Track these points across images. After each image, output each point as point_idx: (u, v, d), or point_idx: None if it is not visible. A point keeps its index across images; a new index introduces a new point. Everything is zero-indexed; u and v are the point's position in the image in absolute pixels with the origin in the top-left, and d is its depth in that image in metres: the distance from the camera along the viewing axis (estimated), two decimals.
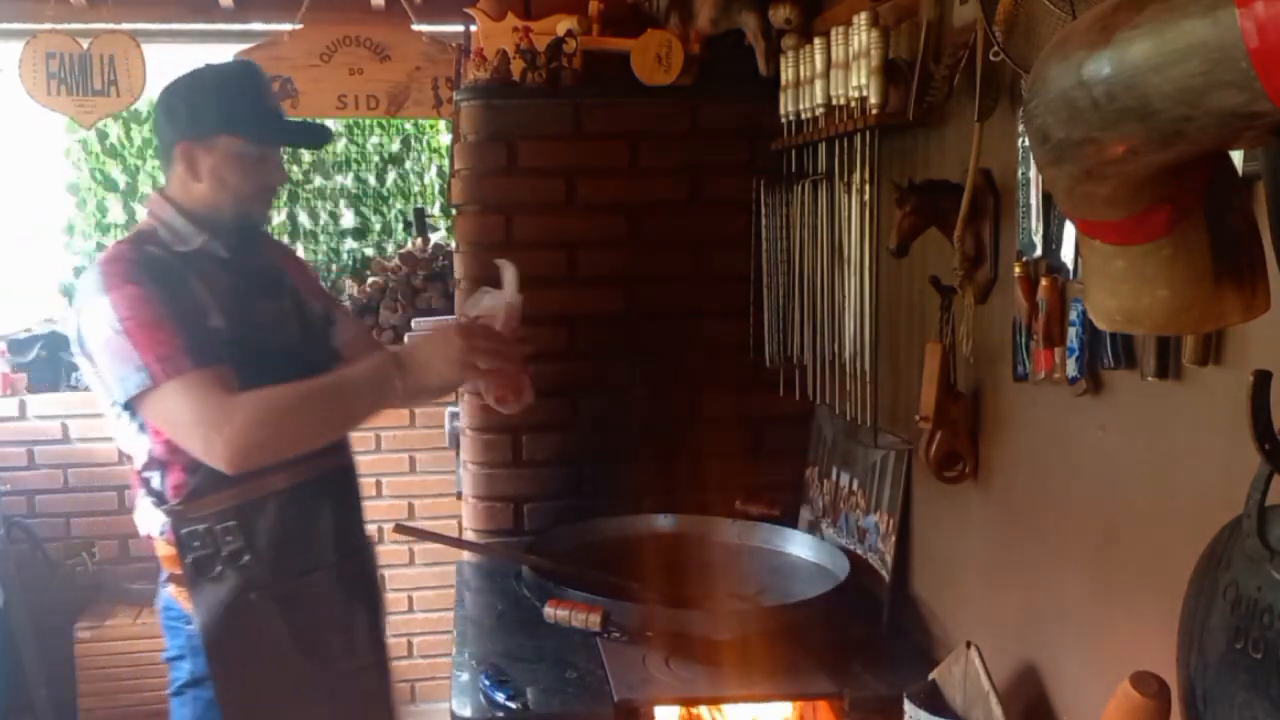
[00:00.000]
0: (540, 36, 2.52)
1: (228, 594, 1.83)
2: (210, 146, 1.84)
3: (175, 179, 1.88)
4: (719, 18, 2.50)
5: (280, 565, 1.85)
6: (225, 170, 1.85)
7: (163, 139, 1.90)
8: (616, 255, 2.61)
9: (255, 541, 1.82)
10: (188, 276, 1.81)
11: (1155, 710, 1.18)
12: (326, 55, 3.60)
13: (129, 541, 3.89)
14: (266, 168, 1.90)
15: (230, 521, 1.81)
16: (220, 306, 1.81)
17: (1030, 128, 0.94)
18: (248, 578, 1.83)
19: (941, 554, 1.99)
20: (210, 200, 1.87)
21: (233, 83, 1.90)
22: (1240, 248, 0.96)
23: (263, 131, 1.88)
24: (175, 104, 1.87)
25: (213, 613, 1.83)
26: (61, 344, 4.02)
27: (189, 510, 1.81)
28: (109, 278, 1.76)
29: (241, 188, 1.87)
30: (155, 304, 1.74)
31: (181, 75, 1.91)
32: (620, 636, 1.97)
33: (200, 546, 1.81)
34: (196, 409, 1.72)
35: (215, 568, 1.82)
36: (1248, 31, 0.70)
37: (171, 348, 1.72)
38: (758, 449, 2.66)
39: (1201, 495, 1.25)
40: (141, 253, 1.81)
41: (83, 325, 1.78)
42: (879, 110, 1.89)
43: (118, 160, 4.62)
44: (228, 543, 1.81)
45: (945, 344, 1.78)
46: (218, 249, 1.88)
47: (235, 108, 1.86)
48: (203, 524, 1.81)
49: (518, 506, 2.61)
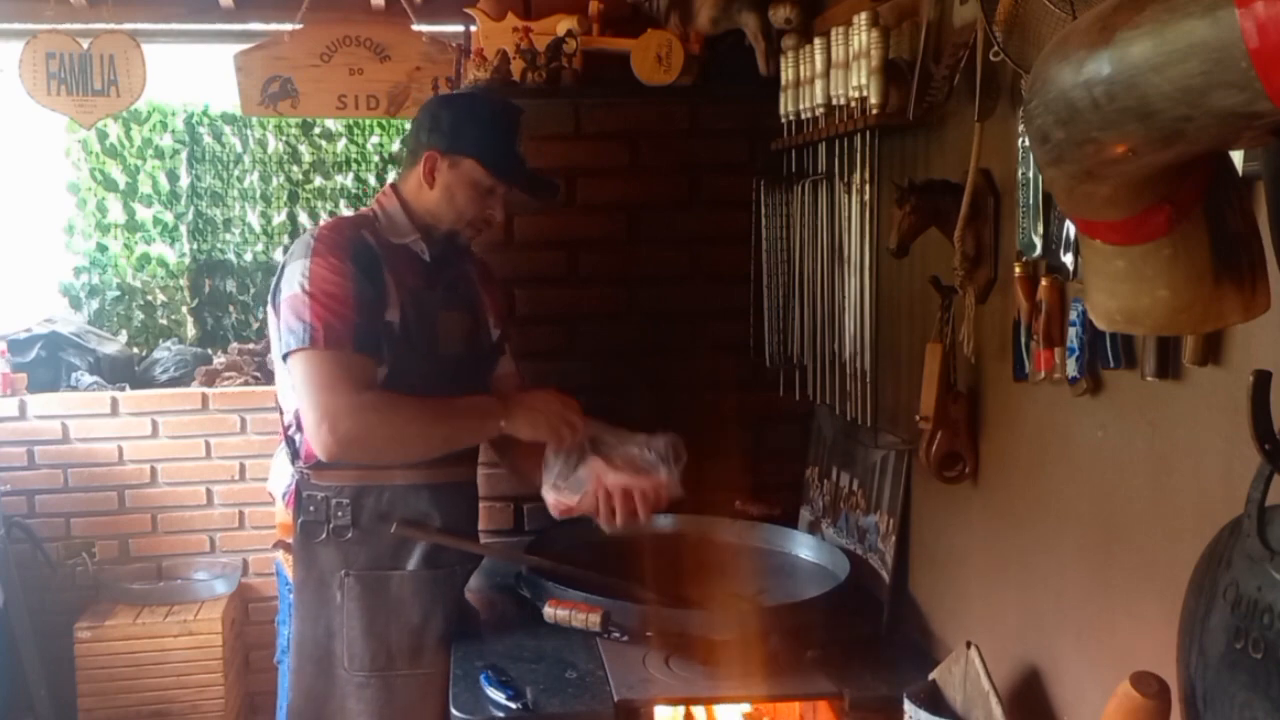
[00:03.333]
0: (540, 36, 2.52)
1: (325, 565, 2.01)
2: (455, 164, 2.02)
3: (412, 178, 2.07)
4: (719, 18, 2.50)
5: (376, 553, 2.00)
6: (457, 188, 2.03)
7: (415, 141, 2.08)
8: (616, 255, 2.61)
9: (361, 522, 1.99)
10: (384, 268, 1.97)
11: (1155, 710, 1.18)
12: (326, 55, 3.59)
13: (129, 541, 3.90)
14: (491, 201, 2.07)
15: (345, 498, 1.99)
16: (401, 301, 1.98)
17: (1030, 128, 0.94)
18: (346, 555, 2.00)
19: (941, 554, 1.99)
20: (434, 209, 2.05)
21: (498, 119, 2.07)
22: (1240, 248, 0.96)
23: (503, 169, 2.04)
24: (441, 116, 2.06)
25: (309, 580, 2.02)
26: (61, 344, 4.03)
27: (314, 475, 1.99)
28: (318, 244, 1.94)
29: (465, 209, 2.05)
30: (346, 281, 1.91)
31: (457, 93, 2.19)
32: (620, 636, 1.97)
33: (315, 511, 1.99)
34: (327, 389, 1.88)
35: (321, 535, 2.00)
36: (1248, 31, 0.70)
37: (342, 322, 1.89)
38: (758, 449, 2.66)
39: (1201, 495, 1.25)
40: (354, 234, 1.98)
41: (282, 279, 1.96)
42: (879, 110, 1.89)
43: (118, 160, 4.62)
44: (338, 516, 1.99)
45: (945, 344, 1.78)
46: (423, 250, 2.06)
47: (491, 140, 2.04)
48: (321, 492, 1.99)
49: (518, 506, 2.61)
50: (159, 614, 3.66)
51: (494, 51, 2.52)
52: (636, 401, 2.59)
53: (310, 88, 3.60)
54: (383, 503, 2.01)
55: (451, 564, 2.07)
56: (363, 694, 2.01)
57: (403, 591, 2.02)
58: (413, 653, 2.03)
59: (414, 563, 2.02)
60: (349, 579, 2.00)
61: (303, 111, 3.73)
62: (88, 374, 3.97)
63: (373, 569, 2.00)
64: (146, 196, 4.66)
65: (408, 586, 2.02)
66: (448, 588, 2.07)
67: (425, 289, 2.04)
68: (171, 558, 3.93)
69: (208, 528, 3.94)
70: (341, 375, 1.88)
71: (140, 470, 3.88)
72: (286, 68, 3.58)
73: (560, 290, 2.59)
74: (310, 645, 2.03)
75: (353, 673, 2.01)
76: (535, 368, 2.49)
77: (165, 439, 3.88)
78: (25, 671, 3.47)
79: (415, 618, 2.03)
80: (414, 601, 2.02)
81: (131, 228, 4.65)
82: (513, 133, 2.07)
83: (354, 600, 2.00)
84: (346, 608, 2.00)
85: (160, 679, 3.60)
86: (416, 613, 2.03)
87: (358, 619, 2.00)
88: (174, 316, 4.70)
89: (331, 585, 2.00)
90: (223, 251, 4.71)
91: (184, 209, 4.68)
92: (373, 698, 2.01)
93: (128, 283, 4.64)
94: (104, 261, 4.62)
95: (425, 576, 2.03)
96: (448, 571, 2.07)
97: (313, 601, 2.02)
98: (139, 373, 4.16)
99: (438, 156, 2.03)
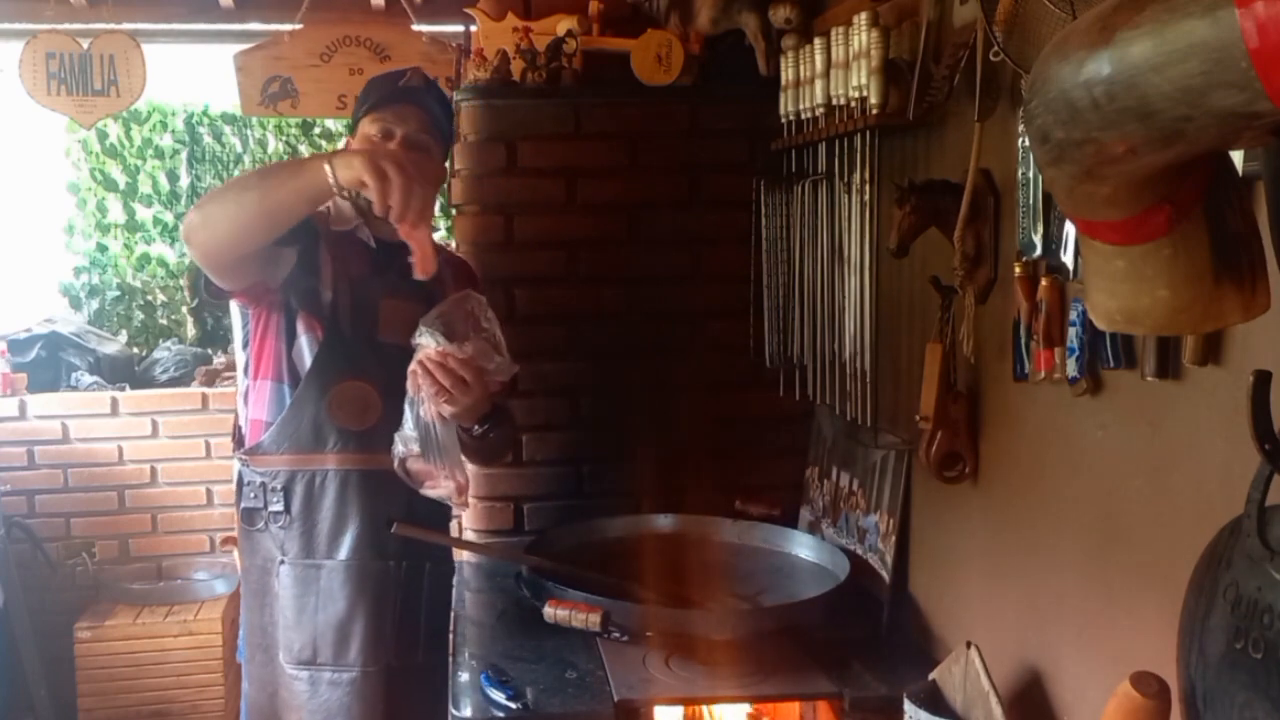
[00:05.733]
0: (540, 36, 2.52)
1: (265, 552, 2.01)
2: (356, 133, 2.01)
3: None
4: (719, 18, 2.50)
5: (309, 541, 1.99)
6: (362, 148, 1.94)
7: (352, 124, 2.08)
8: (616, 255, 2.61)
9: (292, 507, 1.98)
10: (322, 246, 1.98)
11: (1155, 710, 1.18)
12: (326, 55, 3.59)
13: (129, 541, 3.90)
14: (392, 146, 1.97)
15: (279, 484, 1.98)
16: (335, 284, 1.97)
17: (1030, 128, 0.94)
18: (281, 544, 1.99)
19: (941, 554, 1.99)
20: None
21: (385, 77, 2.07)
22: (1240, 248, 0.95)
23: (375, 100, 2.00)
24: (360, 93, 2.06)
25: (251, 567, 2.02)
26: (61, 344, 4.03)
27: (252, 460, 2.00)
28: None
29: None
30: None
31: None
32: (620, 636, 1.97)
33: (255, 498, 2.00)
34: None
35: (259, 522, 2.00)
36: (1248, 31, 0.70)
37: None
38: (758, 449, 2.65)
39: (1201, 495, 1.25)
40: None
41: None
42: (879, 110, 1.89)
43: (118, 160, 4.62)
44: (273, 502, 1.99)
45: (945, 344, 1.78)
46: (368, 236, 2.04)
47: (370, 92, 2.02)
48: (259, 478, 1.99)
49: (518, 506, 2.61)
50: (159, 614, 3.66)
51: (494, 51, 2.52)
52: (636, 401, 2.60)
53: (310, 88, 3.60)
54: (314, 489, 1.97)
55: (394, 557, 2.01)
56: (294, 687, 1.98)
57: (331, 582, 1.98)
58: (338, 648, 1.98)
59: (344, 552, 1.97)
60: (283, 567, 1.99)
61: (303, 111, 3.73)
62: (88, 374, 3.97)
63: (304, 558, 1.98)
64: (146, 196, 4.66)
65: (337, 577, 1.98)
66: (386, 582, 2.01)
67: (371, 275, 2.02)
68: (171, 558, 3.93)
69: (208, 528, 3.94)
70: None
71: (140, 470, 3.88)
72: (286, 68, 3.58)
73: (560, 290, 2.59)
74: (257, 633, 2.02)
75: (285, 664, 1.99)
76: (535, 368, 2.49)
77: (165, 439, 3.88)
78: (25, 671, 3.48)
79: (341, 610, 1.97)
80: (341, 593, 1.97)
81: (131, 228, 4.65)
82: (394, 77, 2.05)
83: (286, 589, 1.97)
84: (280, 596, 1.98)
85: (160, 679, 3.61)
86: (343, 605, 1.97)
87: (290, 608, 1.98)
88: (174, 316, 4.71)
89: (270, 574, 2.00)
90: None
91: (184, 209, 4.68)
92: (302, 691, 1.98)
93: (128, 283, 4.64)
94: (104, 261, 4.62)
95: (355, 567, 1.98)
96: (383, 565, 2.01)
97: (257, 589, 2.01)
98: (139, 373, 4.17)
99: (349, 138, 2.06)
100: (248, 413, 2.03)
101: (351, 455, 1.98)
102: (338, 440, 1.97)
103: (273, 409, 1.99)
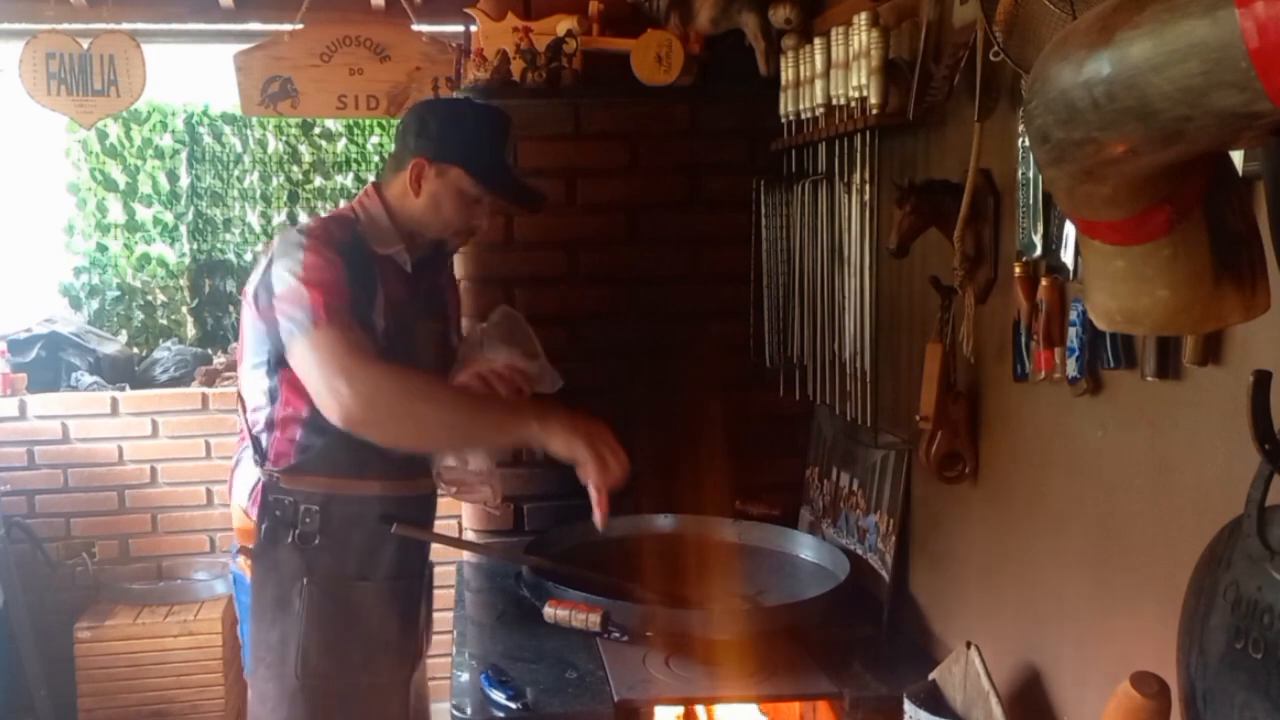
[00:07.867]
0: (540, 36, 2.52)
1: (286, 570, 1.94)
2: (442, 172, 1.97)
3: (396, 183, 2.00)
4: (719, 18, 2.50)
5: (341, 561, 1.95)
6: (444, 197, 1.98)
7: (402, 145, 2.02)
8: (616, 255, 2.61)
9: (329, 529, 1.93)
10: (373, 272, 1.94)
11: (1155, 710, 1.18)
12: (326, 55, 3.59)
13: (129, 541, 3.89)
14: (477, 210, 2.02)
15: (315, 505, 1.93)
16: (385, 309, 1.94)
17: (1030, 128, 0.94)
18: (309, 562, 1.93)
19: (941, 554, 1.99)
20: (419, 216, 2.00)
21: (486, 126, 2.01)
22: (1240, 248, 0.96)
23: (490, 179, 1.99)
24: (429, 122, 2.00)
25: (267, 583, 1.95)
26: (61, 344, 4.03)
27: (284, 479, 1.93)
28: (311, 239, 1.89)
29: (451, 218, 2.00)
30: (341, 271, 1.86)
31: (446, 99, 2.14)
32: (620, 636, 1.97)
33: (280, 516, 1.93)
34: (341, 358, 1.81)
35: (286, 539, 1.93)
36: (1248, 31, 0.70)
37: (341, 302, 1.84)
38: (758, 449, 2.65)
39: (1201, 495, 1.25)
40: (346, 235, 1.94)
41: (270, 276, 1.88)
42: (879, 110, 1.89)
43: (118, 160, 4.62)
44: (305, 523, 1.93)
45: (945, 344, 1.78)
46: (405, 261, 2.01)
47: (479, 149, 1.99)
48: (289, 497, 1.93)
49: (518, 506, 2.61)
50: (159, 614, 3.66)
51: (494, 51, 2.52)
52: (636, 401, 2.59)
53: (310, 88, 3.60)
54: (354, 511, 1.95)
55: (413, 575, 2.04)
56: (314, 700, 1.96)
57: (364, 601, 1.97)
58: (367, 661, 1.98)
59: (380, 573, 1.98)
60: (310, 585, 1.93)
61: (303, 111, 3.73)
62: (88, 374, 3.96)
63: (336, 576, 1.95)
64: (146, 196, 4.65)
65: (370, 596, 1.97)
66: (408, 599, 2.04)
67: (407, 299, 2.01)
68: (171, 558, 3.92)
69: (208, 528, 3.94)
70: (353, 345, 1.82)
71: (140, 470, 3.88)
72: (286, 68, 3.58)
73: (560, 290, 2.59)
74: (263, 649, 1.98)
75: (305, 679, 1.95)
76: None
77: (165, 439, 3.88)
78: (25, 671, 3.47)
79: (374, 627, 1.98)
80: (374, 611, 1.98)
81: (131, 228, 4.65)
82: (501, 141, 2.02)
83: (314, 606, 1.94)
84: (305, 614, 1.94)
85: (160, 679, 3.60)
86: (375, 622, 1.98)
87: (316, 626, 1.94)
88: (174, 316, 4.70)
89: (291, 591, 1.94)
90: (223, 251, 4.71)
91: (184, 209, 4.67)
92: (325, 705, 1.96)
93: (128, 283, 4.64)
94: (104, 261, 4.62)
95: (388, 588, 1.99)
96: (407, 583, 2.03)
97: (271, 606, 1.96)
98: (139, 373, 4.16)
99: (425, 164, 1.96)
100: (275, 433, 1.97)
101: (394, 482, 1.98)
102: (381, 466, 1.94)
103: (311, 432, 1.93)
